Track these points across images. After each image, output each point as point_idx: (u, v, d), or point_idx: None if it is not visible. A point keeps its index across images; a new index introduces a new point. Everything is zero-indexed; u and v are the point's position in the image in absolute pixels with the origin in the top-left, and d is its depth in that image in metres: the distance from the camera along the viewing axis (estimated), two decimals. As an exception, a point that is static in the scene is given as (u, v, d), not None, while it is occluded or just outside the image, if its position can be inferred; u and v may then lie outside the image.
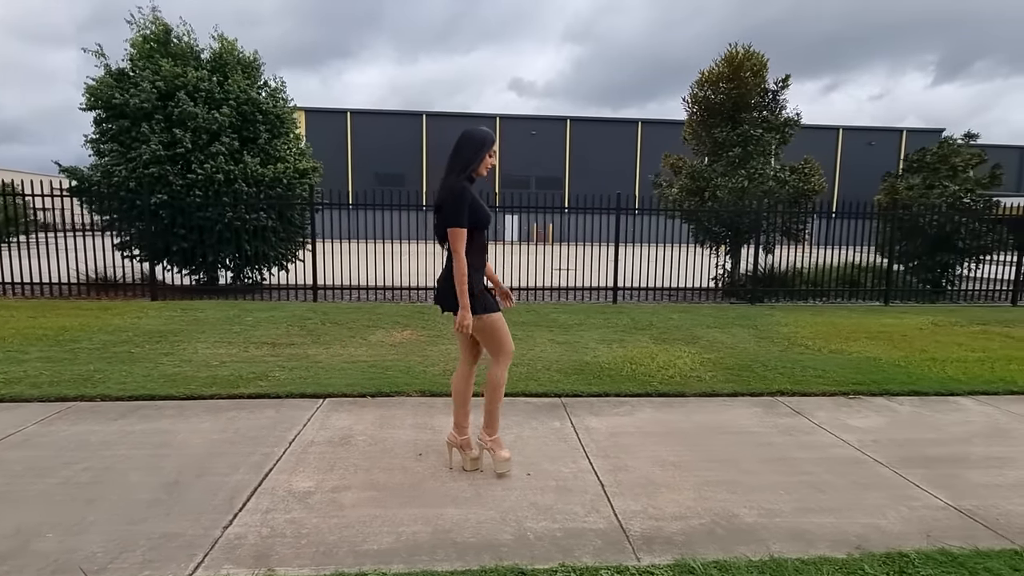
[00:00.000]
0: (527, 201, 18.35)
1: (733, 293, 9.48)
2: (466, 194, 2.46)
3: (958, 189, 9.82)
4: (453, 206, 2.44)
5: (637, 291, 9.03)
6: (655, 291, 9.25)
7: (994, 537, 2.27)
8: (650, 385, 4.19)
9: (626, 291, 8.94)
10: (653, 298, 9.07)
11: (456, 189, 2.45)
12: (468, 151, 2.50)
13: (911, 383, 4.37)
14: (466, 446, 2.75)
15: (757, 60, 9.34)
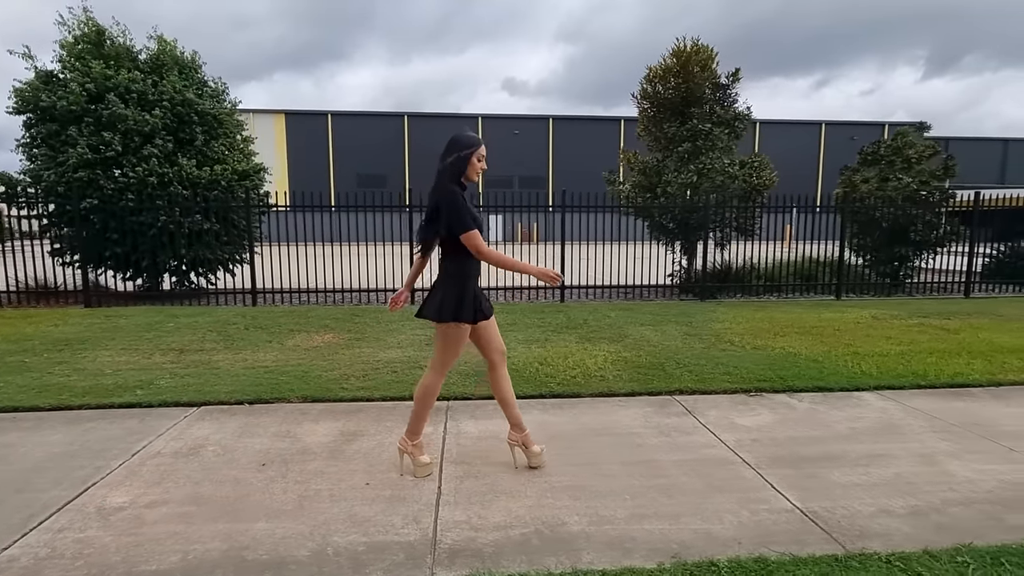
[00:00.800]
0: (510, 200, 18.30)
1: (688, 289, 9.40)
2: (460, 197, 2.45)
3: (911, 181, 9.76)
4: (453, 213, 2.43)
5: (586, 289, 8.92)
6: (608, 289, 9.14)
7: (826, 541, 2.16)
8: (548, 386, 4.07)
9: (574, 289, 8.83)
10: (604, 296, 8.96)
11: (448, 195, 2.44)
12: (454, 156, 2.47)
13: (820, 379, 4.26)
14: (528, 443, 2.78)
15: (705, 54, 9.25)
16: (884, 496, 2.53)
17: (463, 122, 39.57)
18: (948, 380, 4.27)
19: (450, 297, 2.50)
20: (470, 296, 2.53)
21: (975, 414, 3.60)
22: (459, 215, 2.42)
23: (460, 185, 2.51)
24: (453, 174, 2.47)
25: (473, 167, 2.51)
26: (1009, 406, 3.77)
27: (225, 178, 8.22)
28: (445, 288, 2.52)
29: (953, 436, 3.24)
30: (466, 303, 2.51)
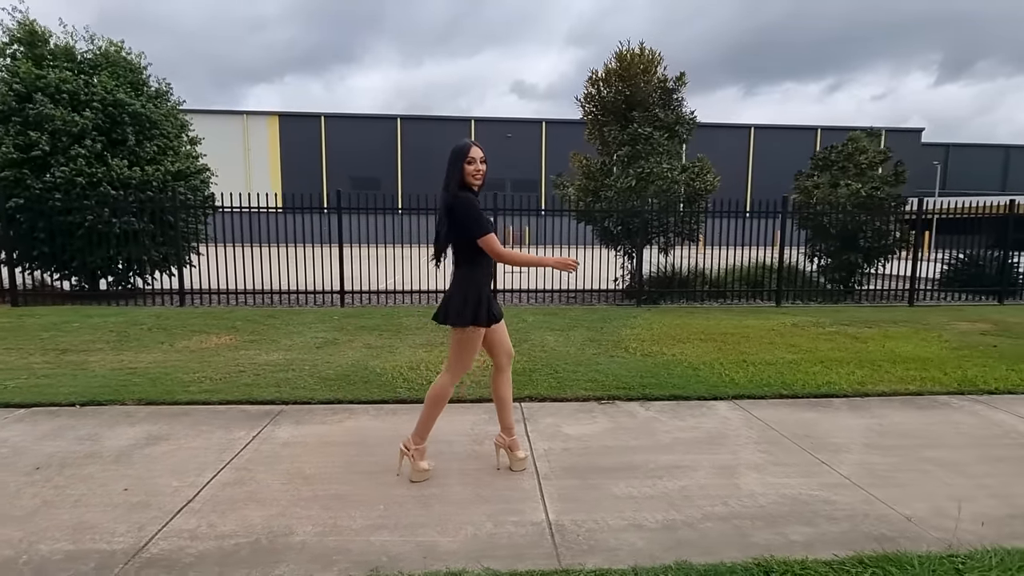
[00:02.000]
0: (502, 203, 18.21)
1: (632, 295, 9.31)
2: (473, 202, 2.54)
3: (860, 187, 9.64)
4: (470, 218, 2.50)
5: (523, 293, 8.85)
6: (549, 293, 9.06)
7: (546, 556, 2.09)
8: (395, 391, 4.01)
9: (508, 293, 8.76)
10: (541, 300, 8.89)
11: (462, 201, 2.52)
12: (449, 165, 2.56)
13: (683, 387, 4.18)
14: (514, 447, 2.84)
15: (649, 58, 9.18)
16: (648, 510, 2.45)
17: (456, 125, 39.69)
18: (814, 390, 4.18)
19: (466, 302, 2.57)
20: (485, 301, 2.61)
21: (815, 425, 3.51)
22: (476, 219, 2.51)
23: (469, 190, 2.58)
24: (457, 182, 2.55)
25: (467, 172, 2.55)
26: (859, 417, 3.67)
27: (157, 178, 8.23)
28: (460, 293, 2.60)
29: (775, 448, 3.15)
30: (481, 307, 2.59)
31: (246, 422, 3.44)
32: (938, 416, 3.72)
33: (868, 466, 2.94)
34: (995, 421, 3.65)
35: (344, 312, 7.58)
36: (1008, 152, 52.18)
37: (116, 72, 8.60)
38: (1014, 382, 4.42)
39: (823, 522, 2.37)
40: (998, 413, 3.79)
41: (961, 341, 5.94)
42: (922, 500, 2.57)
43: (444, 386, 2.68)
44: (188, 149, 9.69)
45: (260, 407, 3.71)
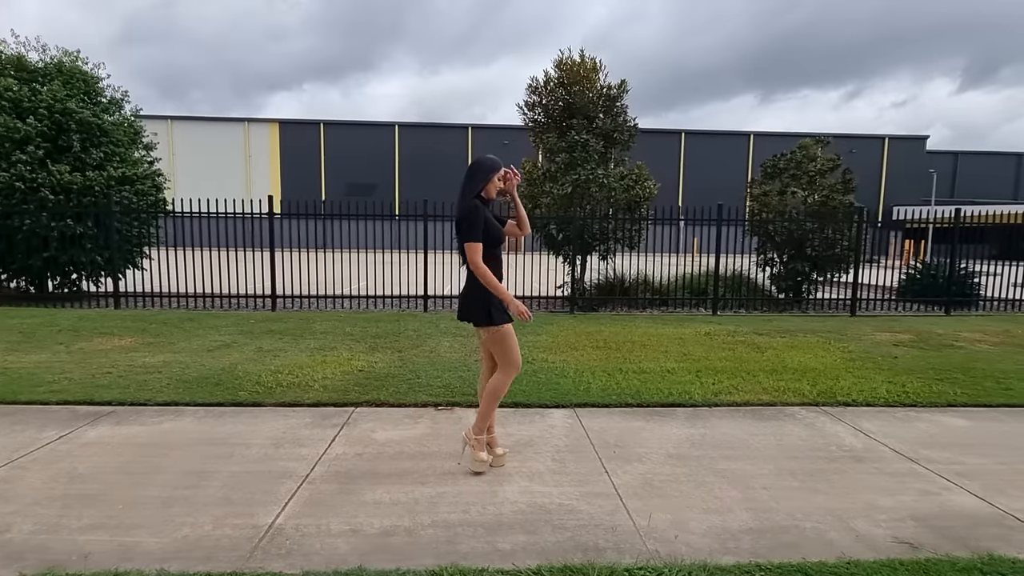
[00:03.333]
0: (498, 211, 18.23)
1: (574, 302, 9.27)
2: (480, 211, 2.73)
3: (807, 195, 9.53)
4: (470, 223, 2.72)
5: (451, 299, 8.86)
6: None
7: (235, 560, 2.11)
8: (237, 394, 4.06)
9: (440, 299, 8.78)
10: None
11: (470, 208, 2.74)
12: (479, 177, 2.79)
13: (531, 394, 4.16)
14: (492, 444, 3.00)
15: (589, 66, 9.20)
16: (381, 516, 2.45)
17: (453, 132, 39.91)
18: (664, 399, 4.14)
19: (484, 304, 2.77)
20: (497, 300, 2.78)
21: (635, 435, 3.47)
22: (473, 227, 2.72)
23: (481, 200, 2.80)
24: (475, 191, 2.78)
25: (494, 185, 2.83)
26: (688, 427, 3.62)
27: (100, 183, 8.41)
28: (481, 296, 2.78)
29: (571, 456, 3.13)
30: (495, 306, 2.78)
31: (67, 422, 3.50)
32: (771, 427, 3.67)
33: (649, 476, 2.90)
34: (827, 433, 3.58)
35: (267, 316, 7.66)
36: (1020, 160, 51.12)
37: (68, 81, 8.85)
38: (879, 394, 4.33)
39: (547, 531, 2.36)
40: (837, 425, 3.72)
41: (865, 352, 5.84)
42: (673, 512, 2.54)
43: (500, 383, 2.88)
44: (140, 155, 9.90)
45: (94, 408, 3.77)
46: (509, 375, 2.87)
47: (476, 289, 2.80)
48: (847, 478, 2.93)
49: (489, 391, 2.88)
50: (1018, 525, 2.47)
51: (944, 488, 2.83)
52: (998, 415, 4.01)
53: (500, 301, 2.77)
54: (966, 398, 4.31)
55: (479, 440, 2.89)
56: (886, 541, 2.33)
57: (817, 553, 2.23)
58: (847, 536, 2.36)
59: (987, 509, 2.62)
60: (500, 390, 2.88)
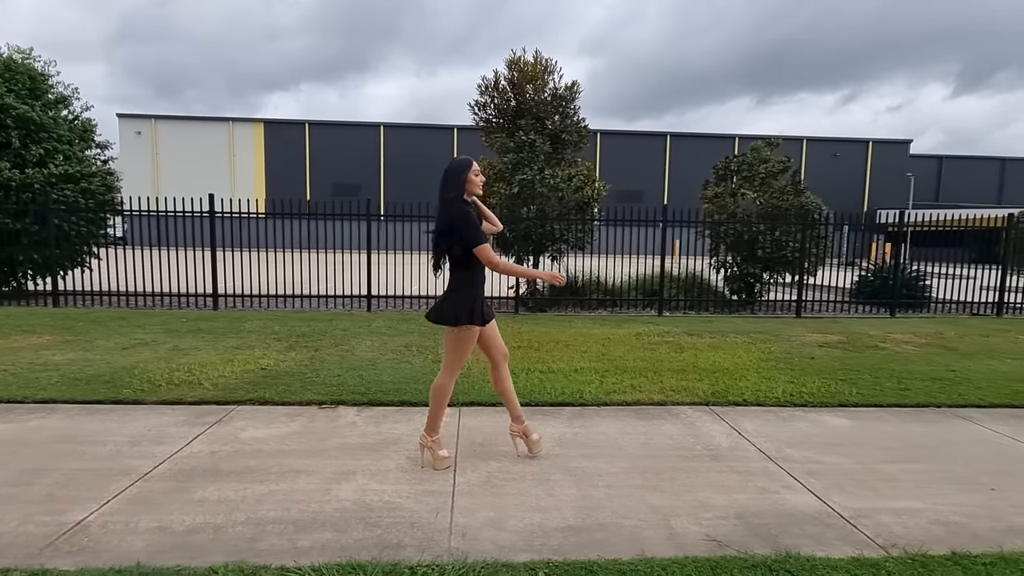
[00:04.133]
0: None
1: (520, 303, 9.27)
2: (471, 213, 2.78)
3: (756, 197, 9.58)
4: (468, 229, 2.73)
5: (395, 299, 8.84)
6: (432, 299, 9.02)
7: (24, 556, 2.08)
8: (122, 392, 4.02)
9: (384, 299, 8.75)
10: (421, 306, 8.88)
11: (461, 213, 2.75)
12: (455, 178, 2.81)
13: (418, 393, 4.14)
14: (527, 432, 3.08)
15: (541, 67, 9.20)
16: (195, 514, 2.43)
17: (438, 132, 39.86)
18: (556, 399, 4.13)
19: (462, 304, 2.80)
20: (479, 302, 2.84)
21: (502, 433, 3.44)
22: (474, 231, 2.74)
23: (464, 202, 2.82)
24: (459, 195, 2.79)
25: (473, 183, 2.84)
26: (565, 426, 3.61)
27: (39, 181, 8.35)
28: (456, 296, 2.83)
29: (402, 454, 3.12)
30: (476, 308, 2.81)
31: (-68, 420, 3.46)
32: (648, 426, 3.67)
33: (495, 475, 2.90)
34: (700, 432, 3.58)
35: (203, 315, 7.62)
36: (1004, 164, 51.57)
37: (13, 78, 8.77)
38: (774, 394, 4.34)
39: (358, 529, 2.34)
40: (716, 424, 3.73)
41: (785, 353, 5.86)
42: (498, 510, 2.53)
43: (442, 384, 2.92)
44: (93, 153, 9.84)
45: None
46: (453, 374, 2.94)
47: (459, 291, 2.83)
48: (694, 476, 2.93)
49: (435, 392, 2.94)
50: (838, 523, 2.48)
51: (786, 487, 2.84)
52: (885, 415, 4.03)
53: (479, 301, 2.83)
54: (860, 398, 4.33)
55: (435, 441, 2.96)
56: (697, 539, 2.33)
57: (622, 551, 2.22)
58: (661, 534, 2.36)
59: (816, 508, 2.62)
60: (445, 390, 2.93)
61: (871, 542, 2.32)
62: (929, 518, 2.55)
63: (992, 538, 2.37)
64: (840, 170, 43.17)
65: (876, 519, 2.52)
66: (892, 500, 2.72)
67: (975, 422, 3.90)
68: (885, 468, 3.10)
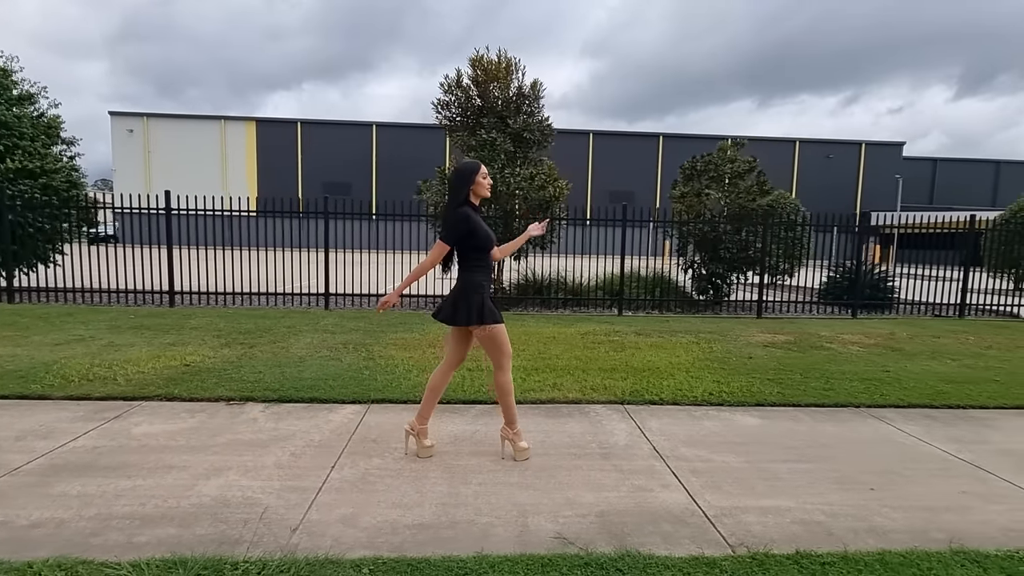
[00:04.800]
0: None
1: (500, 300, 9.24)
2: (470, 219, 2.85)
3: (720, 197, 9.56)
4: (451, 226, 2.85)
5: (354, 297, 8.81)
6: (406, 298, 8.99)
7: None
8: (28, 387, 4.00)
9: (342, 297, 8.72)
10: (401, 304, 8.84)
11: (460, 215, 2.85)
12: (461, 182, 2.89)
13: (332, 390, 4.12)
14: (423, 435, 3.09)
15: (504, 65, 9.19)
16: (46, 509, 2.41)
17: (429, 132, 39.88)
18: (469, 396, 4.11)
19: (475, 304, 2.86)
20: (488, 299, 2.90)
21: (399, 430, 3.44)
22: (451, 229, 2.86)
23: (472, 206, 2.91)
24: (464, 198, 2.88)
25: (480, 186, 2.92)
26: (466, 423, 3.59)
27: (-5, 177, 8.32)
28: (470, 297, 2.88)
29: (311, 451, 3.10)
30: (486, 306, 2.88)
31: None
32: (553, 424, 3.64)
33: (371, 472, 2.87)
34: (603, 429, 3.55)
35: (153, 312, 7.60)
36: (999, 167, 51.55)
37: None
38: (694, 394, 4.31)
39: (204, 525, 2.32)
40: (621, 423, 3.70)
41: (726, 353, 5.83)
42: (359, 507, 2.51)
43: (502, 380, 2.99)
44: (58, 150, 9.82)
45: None
46: (507, 368, 2.99)
47: (471, 292, 2.88)
48: (574, 474, 2.91)
49: (501, 391, 3.00)
50: (697, 522, 2.46)
51: (663, 485, 2.82)
52: (800, 415, 4.01)
53: (488, 299, 2.89)
54: (780, 398, 4.31)
55: (516, 432, 3.05)
56: (546, 537, 2.31)
57: (463, 548, 2.20)
58: (511, 532, 2.34)
59: (683, 506, 2.60)
60: (509, 386, 3.00)
61: (721, 541, 2.30)
62: (794, 517, 2.52)
63: (845, 537, 2.35)
64: (834, 172, 43.18)
65: (739, 518, 2.50)
66: (764, 499, 2.69)
67: (887, 422, 3.88)
68: (774, 467, 3.08)
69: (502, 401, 3.03)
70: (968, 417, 4.06)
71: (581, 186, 39.51)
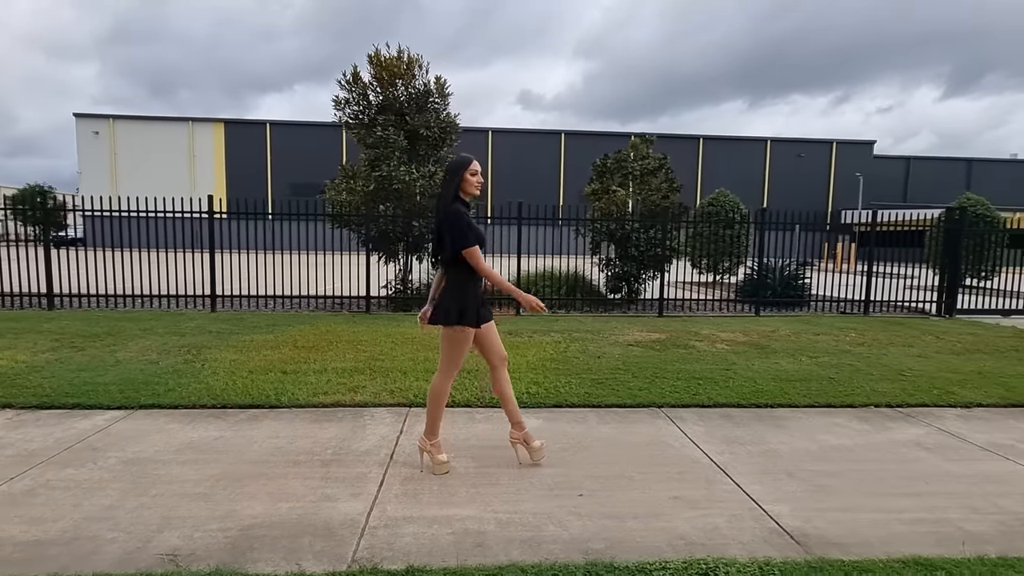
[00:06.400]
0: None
1: (396, 301, 9.07)
2: (462, 214, 2.71)
3: (625, 194, 9.44)
4: (455, 229, 2.69)
5: (244, 299, 8.60)
6: (285, 299, 8.78)
7: None
8: None
9: (228, 299, 8.49)
10: (278, 306, 8.66)
11: (452, 212, 2.71)
12: (450, 177, 2.78)
13: (100, 395, 3.93)
14: (528, 439, 2.99)
15: (400, 62, 9.01)
16: None
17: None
18: (256, 400, 3.93)
19: (455, 304, 2.74)
20: (473, 303, 2.77)
21: (150, 435, 3.26)
22: (461, 232, 2.69)
23: (462, 202, 2.78)
24: (454, 194, 2.75)
25: (468, 183, 2.78)
26: (219, 429, 3.41)
27: None
28: (451, 296, 2.77)
29: (38, 457, 2.91)
30: (469, 309, 2.74)
31: None
32: (313, 429, 3.47)
33: (50, 482, 2.69)
34: (350, 436, 3.38)
35: (20, 315, 7.36)
36: (971, 165, 52.11)
37: None
38: (497, 395, 4.16)
39: None
40: (380, 427, 3.54)
41: (579, 352, 5.68)
42: None
43: (438, 385, 2.86)
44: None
45: None
46: (449, 376, 2.86)
47: (454, 291, 2.77)
48: (270, 484, 2.74)
49: (432, 395, 2.86)
50: (347, 535, 2.29)
51: (353, 495, 2.65)
52: (589, 416, 3.86)
53: (474, 302, 2.76)
54: (586, 399, 4.17)
55: (435, 445, 2.89)
56: (151, 556, 2.13)
57: (66, 566, 2.03)
58: (127, 548, 2.16)
59: (354, 516, 2.44)
60: (442, 392, 2.87)
61: (345, 557, 2.13)
62: (459, 527, 2.37)
63: (497, 549, 2.20)
64: (804, 171, 43.35)
65: (397, 530, 2.34)
66: (450, 508, 2.54)
67: (677, 422, 3.76)
68: (499, 472, 2.93)
69: (430, 407, 2.89)
70: (767, 416, 3.94)
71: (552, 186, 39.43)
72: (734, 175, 41.69)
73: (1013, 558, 2.22)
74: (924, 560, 2.18)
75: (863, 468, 3.10)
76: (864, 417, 3.96)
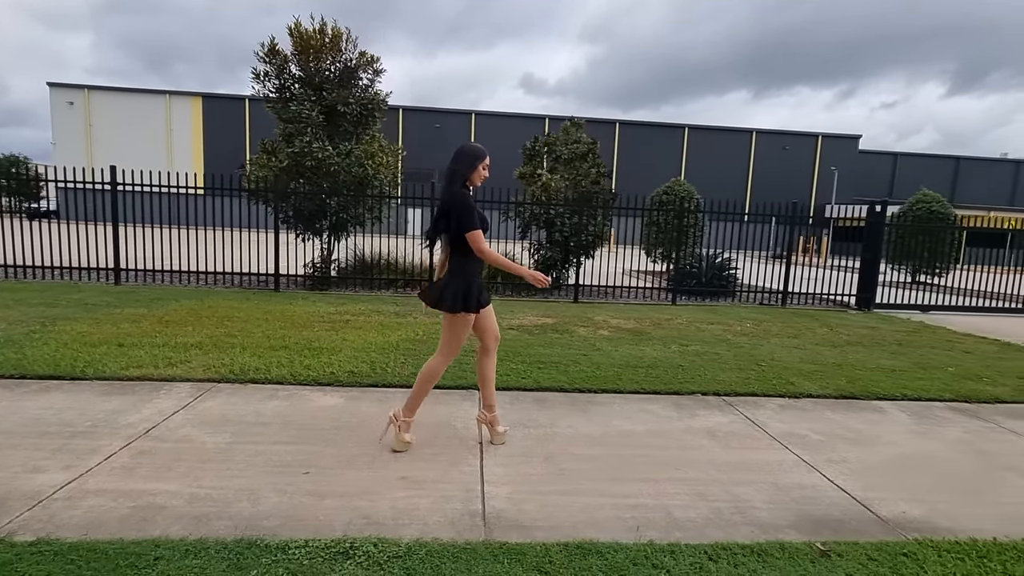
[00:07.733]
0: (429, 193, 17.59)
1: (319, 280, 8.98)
2: (469, 198, 2.77)
3: (551, 178, 9.33)
4: (465, 213, 2.73)
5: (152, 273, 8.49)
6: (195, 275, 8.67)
7: None
8: None
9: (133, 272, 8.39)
10: (195, 282, 8.56)
11: (459, 196, 2.75)
12: (463, 164, 2.81)
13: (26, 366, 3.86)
14: (494, 423, 3.08)
15: (322, 36, 8.81)
16: None
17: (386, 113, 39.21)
18: (78, 372, 3.87)
19: (459, 290, 2.77)
20: (475, 288, 2.82)
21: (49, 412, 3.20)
22: (469, 215, 2.73)
23: (466, 188, 2.82)
24: (462, 179, 2.79)
25: (479, 174, 2.86)
26: (62, 400, 3.35)
27: None
28: (454, 281, 2.80)
29: None
30: (472, 295, 2.79)
31: None
32: (106, 403, 3.41)
33: None
34: (136, 409, 3.32)
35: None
36: (957, 163, 52.06)
37: None
38: (313, 374, 4.10)
39: None
40: (168, 400, 3.47)
41: (450, 334, 5.63)
42: None
43: (435, 367, 2.91)
44: None
45: None
46: (447, 359, 2.91)
47: (458, 277, 2.80)
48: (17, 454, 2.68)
49: (426, 374, 2.90)
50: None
51: (63, 467, 2.59)
52: (392, 396, 3.78)
53: (476, 287, 2.81)
54: (410, 380, 4.10)
55: (407, 423, 2.93)
56: None
57: None
58: None
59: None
60: (436, 373, 2.91)
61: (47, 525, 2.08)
62: (144, 502, 2.31)
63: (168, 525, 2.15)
64: (789, 163, 43.18)
65: (76, 503, 2.28)
66: (150, 483, 2.47)
67: (454, 405, 3.72)
68: (274, 449, 2.88)
69: (418, 385, 2.92)
70: (584, 401, 3.91)
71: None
72: (718, 165, 41.63)
73: (683, 544, 2.19)
74: (589, 544, 2.15)
75: (631, 453, 3.07)
76: (682, 405, 3.93)
